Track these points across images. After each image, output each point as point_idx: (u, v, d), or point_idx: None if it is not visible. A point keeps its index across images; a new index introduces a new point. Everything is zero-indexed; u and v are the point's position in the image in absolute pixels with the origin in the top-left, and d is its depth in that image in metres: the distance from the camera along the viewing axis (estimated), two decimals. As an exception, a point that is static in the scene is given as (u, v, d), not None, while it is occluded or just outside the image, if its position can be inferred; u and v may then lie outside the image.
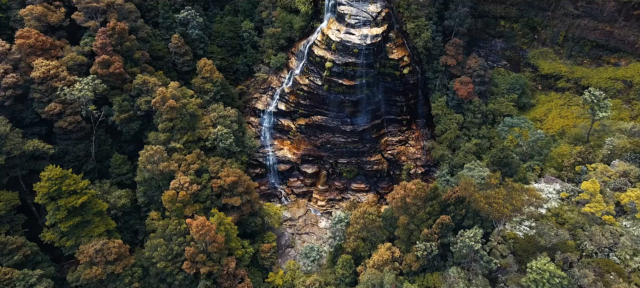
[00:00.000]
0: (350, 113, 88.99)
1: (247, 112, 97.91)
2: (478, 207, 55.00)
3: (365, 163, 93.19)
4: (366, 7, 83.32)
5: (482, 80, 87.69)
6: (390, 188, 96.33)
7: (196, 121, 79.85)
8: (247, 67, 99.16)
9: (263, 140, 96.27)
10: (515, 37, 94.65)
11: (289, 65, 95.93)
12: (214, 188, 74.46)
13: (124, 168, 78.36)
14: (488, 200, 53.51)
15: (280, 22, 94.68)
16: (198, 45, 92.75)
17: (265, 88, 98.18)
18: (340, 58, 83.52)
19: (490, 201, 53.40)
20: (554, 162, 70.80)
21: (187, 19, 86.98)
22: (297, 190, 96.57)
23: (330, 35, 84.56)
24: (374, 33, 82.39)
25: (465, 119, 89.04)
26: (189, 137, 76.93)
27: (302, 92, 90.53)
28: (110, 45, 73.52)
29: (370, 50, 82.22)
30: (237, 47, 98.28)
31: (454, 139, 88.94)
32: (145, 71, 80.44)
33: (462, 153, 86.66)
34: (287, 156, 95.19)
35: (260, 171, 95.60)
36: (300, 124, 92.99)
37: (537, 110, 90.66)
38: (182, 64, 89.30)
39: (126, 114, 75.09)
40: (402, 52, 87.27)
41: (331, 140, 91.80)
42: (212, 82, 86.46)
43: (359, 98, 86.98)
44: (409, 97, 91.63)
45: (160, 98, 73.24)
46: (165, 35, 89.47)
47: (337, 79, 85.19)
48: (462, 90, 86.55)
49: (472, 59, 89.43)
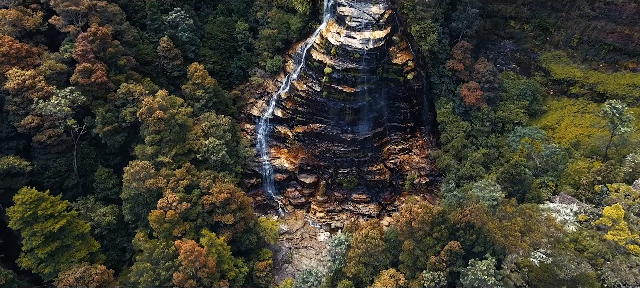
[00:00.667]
0: (350, 121, 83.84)
1: (242, 119, 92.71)
2: (492, 238, 50.25)
3: (366, 173, 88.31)
4: (368, 8, 77.64)
5: (491, 86, 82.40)
6: (393, 199, 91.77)
7: (186, 132, 74.76)
8: (242, 71, 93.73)
9: (259, 149, 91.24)
10: (526, 38, 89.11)
11: (286, 68, 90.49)
12: (206, 206, 69.68)
13: (110, 183, 73.47)
14: (504, 232, 48.72)
15: (276, 23, 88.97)
16: (189, 48, 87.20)
17: (261, 93, 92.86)
18: (340, 63, 78.09)
19: (505, 232, 48.62)
20: (570, 179, 65.92)
21: (176, 21, 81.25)
22: (295, 201, 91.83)
23: (329, 38, 79.01)
24: (377, 36, 76.84)
25: (472, 126, 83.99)
26: (178, 150, 71.89)
27: (300, 99, 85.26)
28: (91, 52, 68.03)
29: (373, 55, 76.78)
30: (230, 50, 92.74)
31: (461, 148, 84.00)
32: (131, 78, 75.03)
33: (470, 163, 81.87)
34: (284, 165, 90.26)
35: (255, 181, 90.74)
36: (298, 131, 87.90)
37: (548, 118, 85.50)
38: (171, 68, 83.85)
39: (110, 126, 69.91)
40: (407, 56, 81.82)
41: (330, 149, 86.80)
42: (204, 88, 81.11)
43: (360, 105, 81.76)
44: (413, 104, 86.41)
45: (146, 109, 68.02)
46: (154, 38, 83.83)
47: (337, 86, 79.87)
48: (470, 97, 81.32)
49: (481, 63, 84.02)
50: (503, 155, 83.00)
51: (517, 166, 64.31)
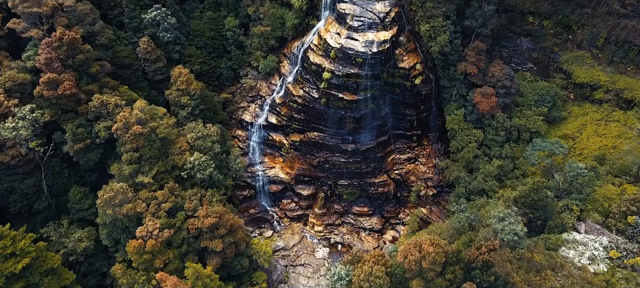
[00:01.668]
0: (351, 130, 76.26)
1: (233, 124, 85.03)
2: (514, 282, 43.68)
3: (368, 185, 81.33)
4: (372, 5, 68.97)
5: (507, 91, 74.52)
6: (397, 211, 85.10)
7: (169, 146, 67.30)
8: (232, 72, 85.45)
9: (251, 158, 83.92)
10: (546, 36, 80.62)
11: (281, 70, 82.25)
12: (191, 230, 62.91)
13: (85, 203, 66.53)
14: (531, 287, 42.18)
15: (269, 19, 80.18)
16: (173, 48, 78.66)
17: (254, 96, 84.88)
18: (341, 68, 69.95)
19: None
20: (597, 204, 59.03)
21: (157, 19, 72.49)
22: (292, 213, 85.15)
23: (328, 39, 70.60)
24: (382, 38, 68.46)
25: (485, 135, 76.57)
26: (160, 168, 64.61)
27: (296, 105, 77.43)
28: (57, 60, 59.86)
29: (377, 59, 68.62)
30: (219, 49, 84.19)
31: (472, 158, 76.85)
32: (106, 87, 66.97)
33: (482, 176, 74.85)
34: (279, 176, 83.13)
35: (248, 193, 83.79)
36: (294, 140, 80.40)
37: (568, 125, 77.98)
38: (153, 72, 75.62)
39: (82, 143, 62.40)
40: (414, 58, 73.59)
41: (330, 159, 79.53)
42: (189, 94, 73.11)
43: (363, 114, 74.05)
44: (421, 110, 78.68)
45: (122, 124, 60.38)
46: (133, 38, 75.27)
47: (337, 93, 71.94)
48: (484, 104, 73.57)
49: (496, 65, 75.91)
50: (518, 167, 75.94)
51: (539, 191, 57.28)
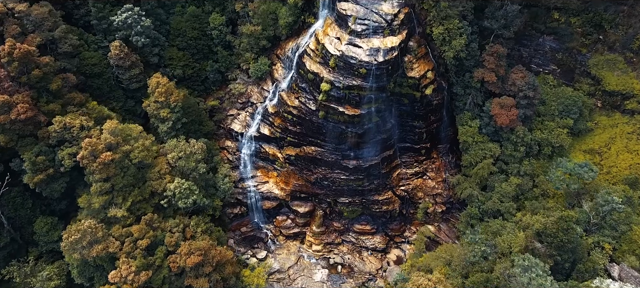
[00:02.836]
0: (353, 144, 68.09)
1: (222, 135, 76.61)
2: None
3: (371, 202, 73.93)
4: (378, 6, 59.31)
5: (529, 102, 65.97)
6: (403, 229, 78.09)
7: (147, 170, 59.29)
8: (220, 74, 76.25)
9: (242, 171, 76.00)
10: (573, 36, 71.30)
11: (273, 74, 73.18)
12: (173, 268, 55.84)
13: (54, 235, 59.14)
14: None
15: (260, 16, 70.40)
16: (151, 51, 69.13)
17: (244, 102, 76.11)
18: (341, 79, 61.06)
19: None
20: (634, 245, 51.86)
21: (128, 22, 62.70)
22: (287, 231, 78.10)
23: (327, 45, 61.33)
24: (389, 45, 59.25)
25: (503, 151, 68.61)
26: (136, 197, 56.83)
27: (291, 116, 68.88)
28: (7, 78, 50.90)
29: (383, 70, 59.66)
30: (204, 50, 74.65)
31: (487, 175, 69.20)
32: (71, 104, 58.10)
33: (497, 196, 67.46)
34: (273, 192, 75.49)
35: (239, 210, 76.38)
36: (289, 154, 72.28)
37: (595, 138, 69.98)
38: (128, 80, 66.51)
39: (43, 173, 54.27)
40: (425, 65, 64.57)
41: (329, 176, 71.72)
42: (170, 107, 64.35)
43: (366, 129, 65.71)
44: (431, 121, 70.30)
45: (88, 152, 52.06)
46: (103, 41, 65.76)
47: (337, 106, 63.32)
48: (503, 117, 65.16)
49: (518, 72, 66.98)
50: (538, 185, 68.49)
51: (569, 232, 49.92)
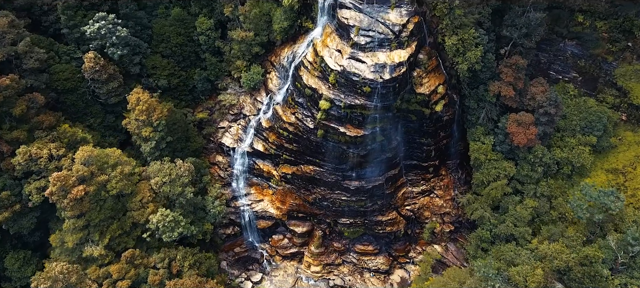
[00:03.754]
0: (355, 164, 62.16)
1: (212, 149, 70.49)
2: None
3: (374, 223, 68.57)
4: (384, 14, 52.23)
5: (550, 119, 59.77)
6: (407, 249, 73.02)
7: (127, 199, 53.55)
8: (209, 83, 69.57)
9: (235, 189, 70.26)
10: (598, 42, 64.52)
11: (267, 83, 66.58)
12: (158, 310, 50.91)
13: (28, 270, 53.69)
14: None
15: (251, 21, 63.27)
16: (131, 60, 62.29)
17: (236, 114, 69.72)
18: (343, 97, 54.61)
19: None
20: (670, 291, 46.69)
21: (101, 33, 55.54)
22: (284, 251, 73.01)
23: (326, 57, 54.60)
24: (397, 60, 52.52)
25: (518, 170, 62.84)
26: (115, 232, 51.30)
27: (287, 133, 62.67)
28: (-39, 106, 44.49)
29: (389, 88, 53.18)
30: (191, 56, 67.82)
31: (501, 197, 63.70)
32: (39, 128, 51.78)
33: (511, 220, 62.17)
34: (268, 211, 69.96)
35: (232, 230, 71.00)
36: (286, 172, 66.42)
37: (619, 157, 64.12)
38: (106, 94, 60.00)
39: (9, 210, 48.43)
40: (436, 79, 58.02)
41: (328, 197, 66.09)
42: (152, 125, 58.03)
43: (369, 149, 59.67)
44: (440, 138, 64.22)
45: (57, 188, 46.14)
46: (76, 52, 58.90)
47: (337, 126, 57.09)
48: (520, 136, 59.05)
49: (538, 85, 60.46)
50: (555, 207, 63.16)
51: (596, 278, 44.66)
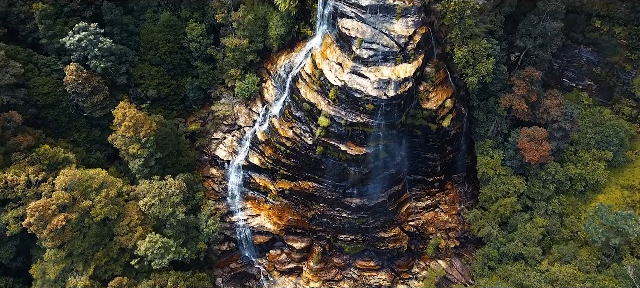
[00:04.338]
0: (357, 181, 58.66)
1: (205, 161, 66.91)
2: None
3: (376, 240, 65.46)
4: (388, 25, 47.98)
5: (565, 134, 56.09)
6: (410, 265, 70.06)
7: (114, 223, 50.19)
8: (201, 92, 65.59)
9: (230, 203, 66.93)
10: (615, 48, 60.38)
11: (263, 93, 62.66)
12: (147, 342, 48.03)
13: (10, 299, 50.83)
14: None
15: (246, 28, 59.01)
16: (117, 69, 58.18)
17: (230, 125, 65.93)
18: (343, 114, 50.77)
19: None
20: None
21: (82, 45, 51.29)
22: (282, 267, 70.03)
23: (326, 71, 50.56)
24: (402, 75, 48.51)
25: (529, 187, 59.45)
26: (100, 260, 48.14)
27: (284, 148, 58.99)
28: None
29: (394, 105, 49.29)
30: (182, 64, 63.72)
31: (510, 214, 60.51)
32: (17, 150, 48.07)
33: (520, 239, 59.23)
34: (265, 226, 66.76)
35: (228, 246, 67.96)
36: (283, 187, 62.95)
37: (635, 172, 60.65)
38: (91, 108, 56.13)
39: (-16, 241, 45.16)
40: (444, 93, 54.08)
41: (328, 213, 62.79)
42: (140, 142, 54.32)
43: (372, 167, 56.08)
44: (446, 152, 60.61)
45: (35, 219, 42.69)
46: (57, 63, 54.78)
47: (338, 144, 53.38)
48: (533, 153, 55.45)
49: (552, 98, 56.59)
50: (567, 225, 60.04)
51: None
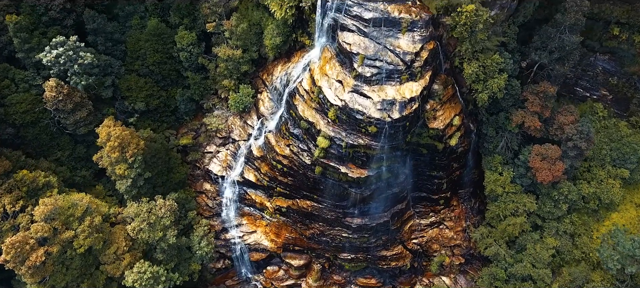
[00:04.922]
0: (358, 201, 55.45)
1: (199, 176, 63.58)
2: None
3: (378, 258, 62.68)
4: (393, 40, 44.00)
5: (579, 153, 52.64)
6: (413, 282, 67.41)
7: (99, 253, 47.18)
8: (193, 103, 61.85)
9: (225, 219, 63.87)
10: (634, 58, 56.78)
11: (258, 106, 58.99)
12: None
13: (-9, 330, 48.16)
14: None
15: (239, 38, 54.95)
16: (101, 82, 54.33)
17: (224, 138, 62.36)
18: (344, 135, 47.22)
19: None
20: None
21: (60, 62, 47.33)
22: (280, 283, 67.38)
23: (325, 89, 46.79)
24: (408, 96, 44.75)
25: (540, 206, 56.35)
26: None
27: (281, 165, 55.62)
28: None
29: (399, 127, 45.70)
30: (172, 75, 59.85)
31: (519, 234, 57.59)
32: (-8, 176, 44.76)
33: (530, 260, 56.52)
34: (262, 243, 63.87)
35: (223, 264, 65.19)
36: (280, 205, 59.81)
37: (651, 189, 57.61)
38: (74, 125, 52.53)
39: (-42, 277, 42.12)
40: (452, 110, 50.41)
41: (328, 233, 59.82)
42: (127, 162, 50.88)
43: (375, 188, 52.80)
44: (453, 169, 57.30)
45: (11, 255, 39.59)
46: (35, 79, 50.95)
47: (338, 165, 49.96)
48: (545, 173, 52.09)
49: (566, 114, 53.01)
50: (579, 246, 57.27)
51: None
